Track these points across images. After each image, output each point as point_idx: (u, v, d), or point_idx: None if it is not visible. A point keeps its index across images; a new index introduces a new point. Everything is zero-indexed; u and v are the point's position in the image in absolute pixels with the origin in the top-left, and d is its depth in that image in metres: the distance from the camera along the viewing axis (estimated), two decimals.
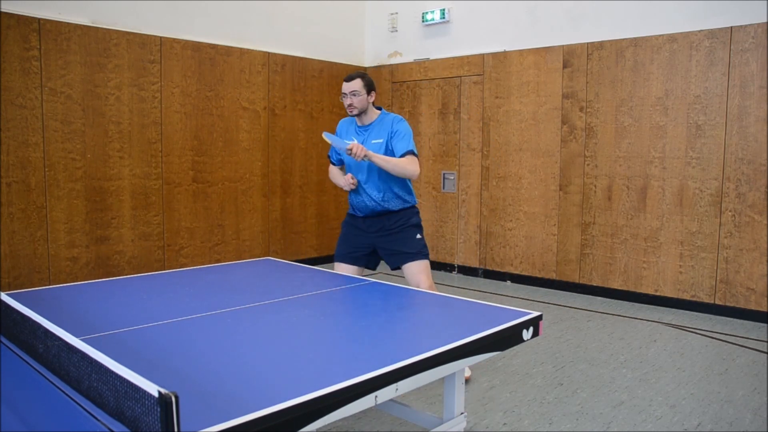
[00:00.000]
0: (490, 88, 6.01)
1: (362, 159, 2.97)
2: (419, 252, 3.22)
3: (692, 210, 4.84)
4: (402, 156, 3.10)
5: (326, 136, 3.09)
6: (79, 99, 4.74)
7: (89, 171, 4.83)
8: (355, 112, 3.17)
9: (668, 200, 4.96)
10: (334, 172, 3.41)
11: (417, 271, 3.19)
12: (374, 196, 3.20)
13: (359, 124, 3.25)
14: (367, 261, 3.35)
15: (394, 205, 3.23)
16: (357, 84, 3.12)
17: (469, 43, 6.19)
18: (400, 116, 3.23)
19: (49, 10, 4.56)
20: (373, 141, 3.18)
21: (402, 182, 3.24)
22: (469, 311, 2.40)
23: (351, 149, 2.96)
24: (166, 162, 5.29)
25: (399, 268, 3.28)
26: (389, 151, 3.15)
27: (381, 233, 3.26)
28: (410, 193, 3.30)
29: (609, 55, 5.22)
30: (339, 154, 3.35)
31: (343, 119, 3.40)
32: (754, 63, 4.50)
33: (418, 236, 3.25)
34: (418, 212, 3.34)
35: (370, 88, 3.16)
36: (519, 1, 5.78)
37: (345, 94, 3.14)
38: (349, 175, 3.20)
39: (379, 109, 3.28)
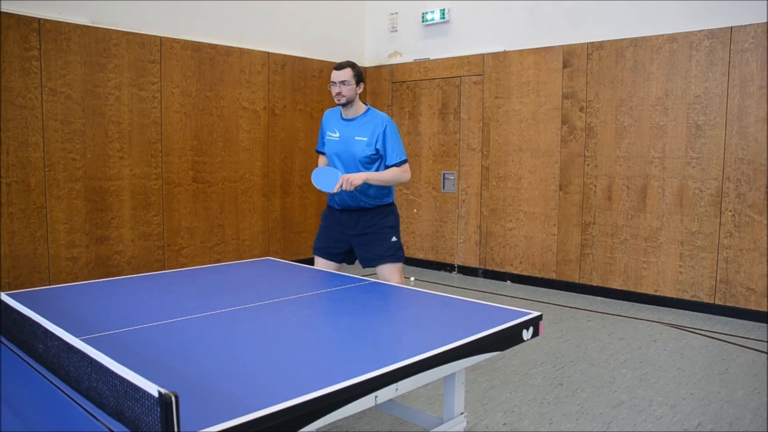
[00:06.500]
0: (490, 88, 6.01)
1: (357, 187, 3.01)
2: (393, 254, 3.20)
3: (692, 210, 4.84)
4: (395, 165, 3.11)
5: (315, 182, 3.11)
6: (79, 99, 4.73)
7: (89, 171, 4.83)
8: (343, 101, 3.12)
9: (668, 200, 4.96)
10: (320, 163, 3.41)
11: (389, 272, 3.20)
12: (349, 192, 3.16)
13: (344, 116, 3.21)
14: (343, 258, 3.35)
15: (369, 203, 3.22)
16: (347, 73, 3.09)
17: (469, 43, 6.19)
18: (389, 116, 3.18)
19: (49, 10, 4.56)
20: (357, 137, 3.13)
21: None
22: (469, 311, 2.40)
23: (341, 186, 2.97)
24: (166, 162, 5.29)
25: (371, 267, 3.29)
26: (373, 153, 3.11)
27: (357, 234, 3.24)
28: (387, 193, 3.26)
29: (609, 55, 5.22)
30: (323, 142, 3.34)
31: (328, 110, 3.35)
32: (754, 63, 4.50)
33: (393, 239, 3.23)
34: (394, 211, 3.30)
35: (359, 78, 3.13)
36: (519, 1, 5.78)
37: (334, 82, 3.10)
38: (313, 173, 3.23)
39: (365, 104, 3.24)
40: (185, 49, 5.36)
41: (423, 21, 6.48)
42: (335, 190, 3.00)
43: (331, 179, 3.07)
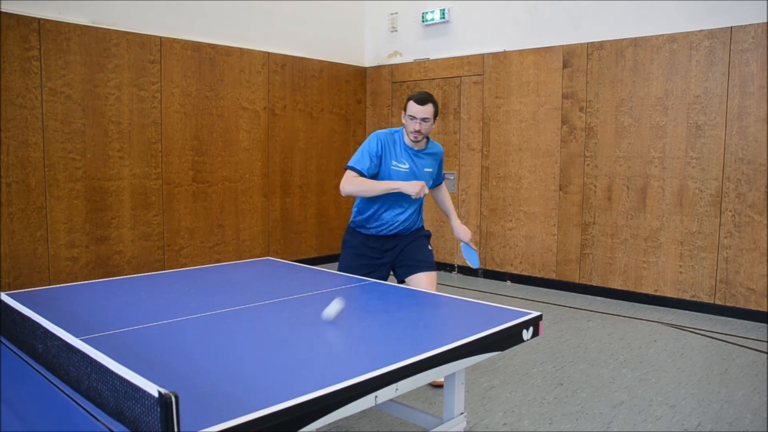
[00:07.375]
0: (490, 88, 6.01)
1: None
2: (432, 263, 3.16)
3: (692, 210, 4.84)
4: (441, 182, 3.38)
5: (474, 263, 3.19)
6: (79, 99, 4.73)
7: (89, 171, 4.83)
8: (420, 138, 2.94)
9: (668, 200, 4.96)
10: (366, 180, 2.95)
11: (427, 283, 3.05)
12: (410, 214, 3.14)
13: (413, 146, 3.03)
14: (380, 277, 3.27)
15: (417, 224, 3.24)
16: (430, 110, 2.89)
17: (469, 43, 6.19)
18: (441, 144, 3.25)
19: (49, 10, 4.56)
20: (426, 169, 3.11)
21: (422, 206, 3.30)
22: (469, 311, 2.40)
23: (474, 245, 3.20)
24: (166, 162, 5.29)
25: (403, 281, 3.20)
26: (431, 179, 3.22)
27: (393, 248, 3.17)
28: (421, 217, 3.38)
29: (609, 55, 5.22)
30: (376, 166, 2.97)
31: (379, 133, 3.02)
32: (754, 63, 4.50)
33: (429, 247, 3.23)
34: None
35: (436, 115, 2.96)
36: (519, 1, 5.78)
37: (415, 118, 2.88)
38: (423, 183, 2.87)
39: None
40: (185, 49, 5.36)
41: (423, 21, 6.48)
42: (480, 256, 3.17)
43: (471, 250, 3.19)
